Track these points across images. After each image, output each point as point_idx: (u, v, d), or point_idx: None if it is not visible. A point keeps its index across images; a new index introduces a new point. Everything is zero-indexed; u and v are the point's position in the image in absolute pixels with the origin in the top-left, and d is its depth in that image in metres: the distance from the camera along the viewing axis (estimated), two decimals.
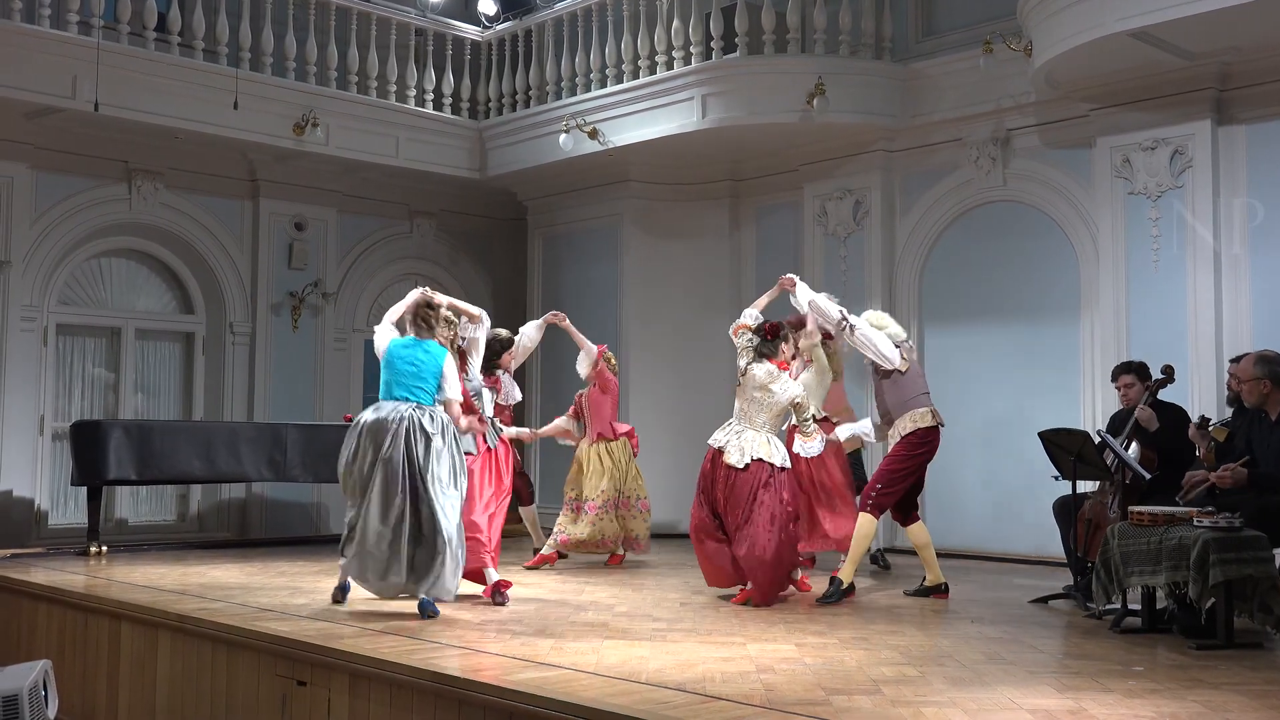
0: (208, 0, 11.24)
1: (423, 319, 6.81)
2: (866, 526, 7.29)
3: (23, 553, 9.53)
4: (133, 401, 11.55)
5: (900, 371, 7.38)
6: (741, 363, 7.20)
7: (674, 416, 11.76)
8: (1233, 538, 5.70)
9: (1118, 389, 7.61)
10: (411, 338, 6.80)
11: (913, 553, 7.81)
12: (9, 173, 10.55)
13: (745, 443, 7.04)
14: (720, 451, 7.11)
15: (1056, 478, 7.36)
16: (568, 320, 9.10)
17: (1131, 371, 7.52)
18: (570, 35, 12.17)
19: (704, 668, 4.98)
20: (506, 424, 8.36)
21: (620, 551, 9.20)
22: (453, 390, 6.66)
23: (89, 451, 9.47)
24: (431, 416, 6.54)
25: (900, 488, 7.36)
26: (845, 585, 7.18)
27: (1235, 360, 7.10)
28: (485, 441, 7.34)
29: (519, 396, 8.97)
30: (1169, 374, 7.35)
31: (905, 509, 7.60)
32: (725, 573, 7.17)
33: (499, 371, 8.52)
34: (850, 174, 11.07)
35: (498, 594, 6.94)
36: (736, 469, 6.99)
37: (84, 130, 10.75)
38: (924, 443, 7.33)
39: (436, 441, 6.47)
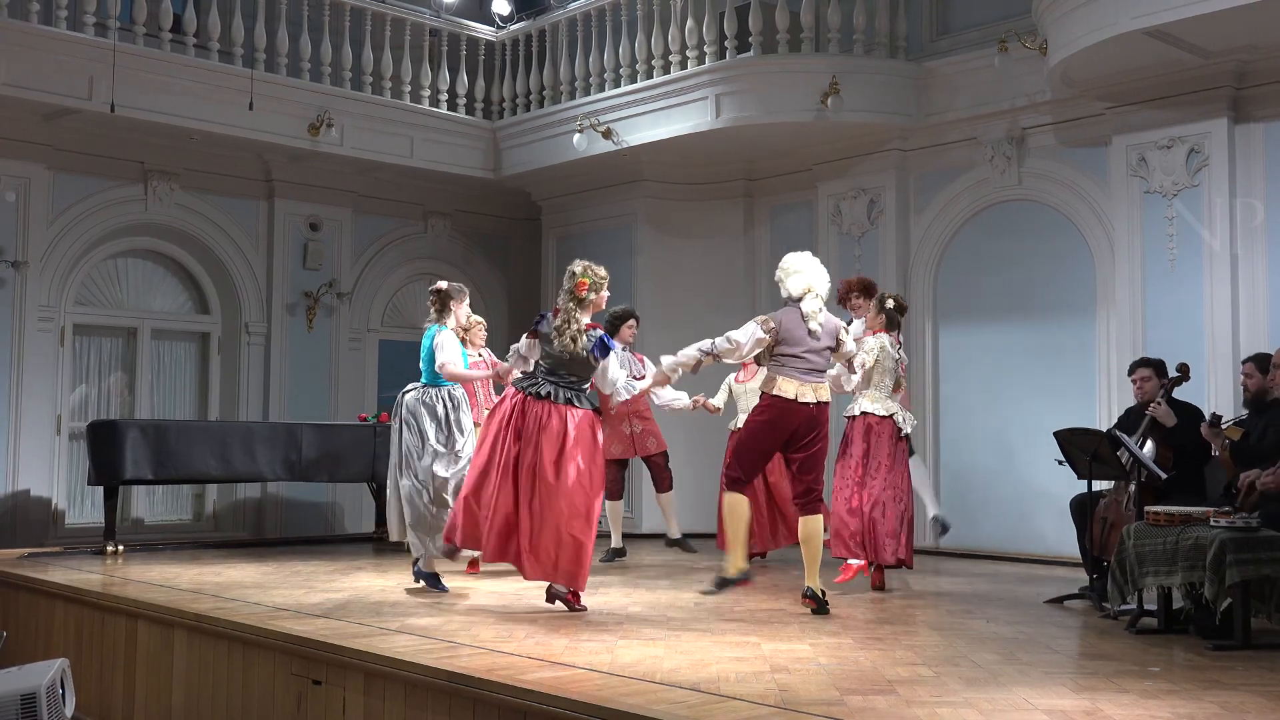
0: (223, 1, 11.30)
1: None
2: (726, 503, 6.68)
3: (40, 552, 9.58)
4: (147, 401, 11.60)
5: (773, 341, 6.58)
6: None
7: (688, 417, 11.74)
8: (1250, 538, 5.67)
9: (1133, 382, 7.59)
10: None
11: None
12: (26, 173, 10.61)
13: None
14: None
15: (1060, 461, 7.29)
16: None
17: (1149, 366, 7.51)
18: (584, 35, 12.19)
19: (718, 667, 4.97)
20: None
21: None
22: (441, 355, 7.47)
23: (105, 451, 9.51)
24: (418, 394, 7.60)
25: (748, 459, 6.65)
26: (733, 575, 6.60)
27: (1247, 361, 7.07)
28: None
29: (639, 372, 9.14)
30: (1184, 372, 7.33)
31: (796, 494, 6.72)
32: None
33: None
34: (865, 173, 11.06)
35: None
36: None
37: (100, 131, 10.80)
38: (765, 409, 6.60)
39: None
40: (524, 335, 6.90)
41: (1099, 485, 7.27)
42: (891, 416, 7.50)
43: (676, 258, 12.25)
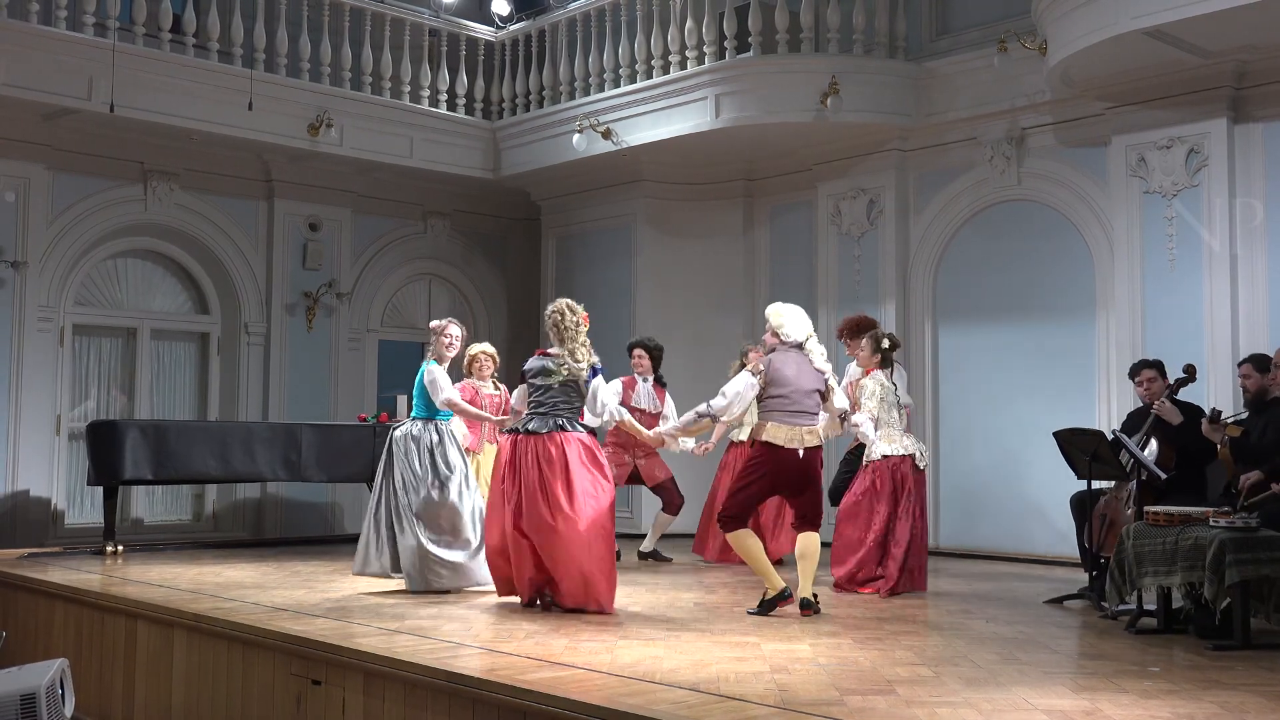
0: (222, 2, 11.30)
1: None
2: (733, 544, 6.68)
3: (40, 552, 9.58)
4: (146, 401, 11.59)
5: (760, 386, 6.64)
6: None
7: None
8: (1249, 538, 5.68)
9: (1138, 384, 7.56)
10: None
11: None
12: (26, 173, 10.61)
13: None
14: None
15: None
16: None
17: (1153, 367, 7.51)
18: (584, 35, 12.18)
19: (718, 668, 4.97)
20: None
21: None
22: (441, 394, 7.54)
23: (105, 451, 9.51)
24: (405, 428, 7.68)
25: (740, 501, 6.68)
26: (771, 596, 6.54)
27: (1244, 362, 7.08)
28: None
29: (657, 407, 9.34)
30: (1190, 373, 7.32)
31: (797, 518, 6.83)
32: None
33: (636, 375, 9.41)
34: (864, 173, 11.06)
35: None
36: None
37: (100, 131, 10.80)
38: (758, 460, 6.65)
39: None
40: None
41: (1099, 484, 7.28)
42: (910, 456, 7.64)
43: (676, 258, 12.25)
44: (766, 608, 6.51)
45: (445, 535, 7.43)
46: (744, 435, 9.21)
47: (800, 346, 6.74)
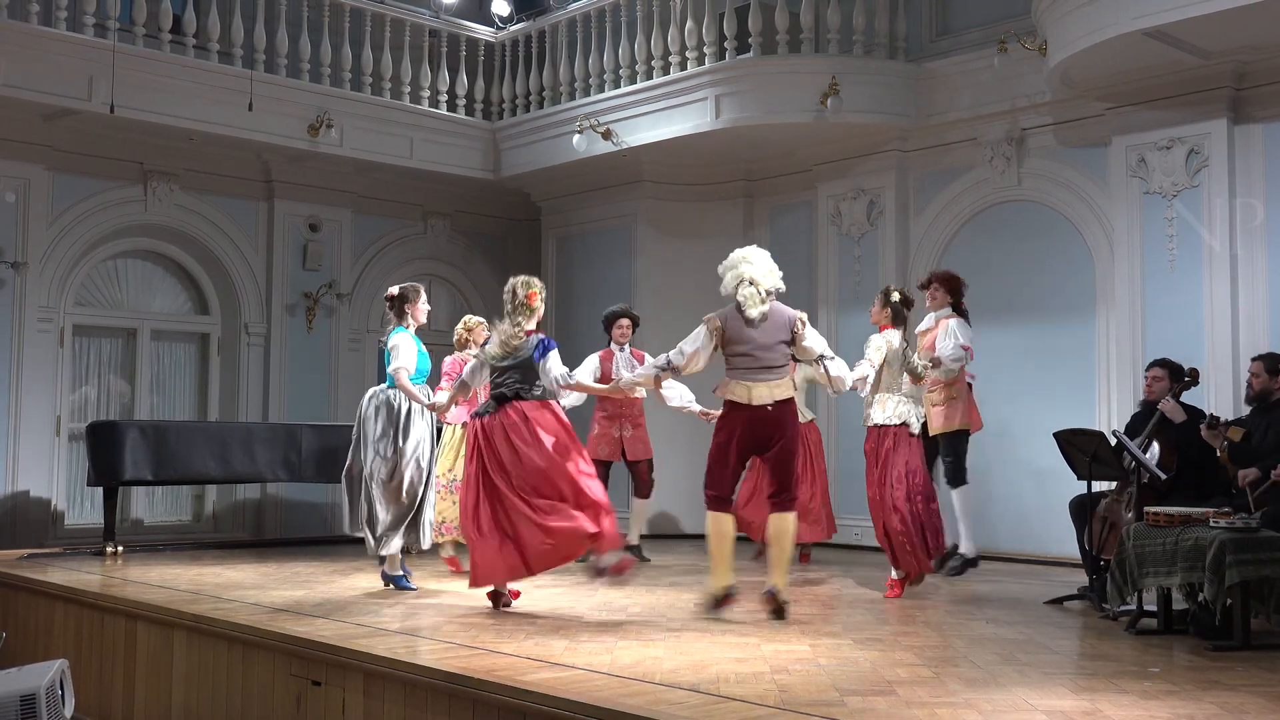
0: (223, 2, 11.31)
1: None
2: (708, 523, 6.47)
3: (40, 553, 9.58)
4: (146, 402, 11.59)
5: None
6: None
7: (687, 416, 11.73)
8: (1250, 538, 5.68)
9: (1145, 379, 7.60)
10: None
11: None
12: (26, 174, 10.61)
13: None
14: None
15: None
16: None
17: (1164, 367, 7.46)
18: (584, 36, 12.19)
19: (718, 668, 4.97)
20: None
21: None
22: (396, 361, 7.40)
23: (105, 452, 9.51)
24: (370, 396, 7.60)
25: (718, 474, 6.48)
26: (716, 594, 6.41)
27: (1256, 360, 7.07)
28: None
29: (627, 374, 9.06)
30: (1194, 377, 7.30)
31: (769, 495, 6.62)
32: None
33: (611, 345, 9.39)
34: (864, 174, 11.06)
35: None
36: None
37: (100, 132, 10.80)
38: (723, 417, 6.54)
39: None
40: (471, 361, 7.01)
41: (1100, 485, 7.27)
42: (905, 424, 7.34)
43: (676, 258, 12.24)
44: (707, 605, 6.41)
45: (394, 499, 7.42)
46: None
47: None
